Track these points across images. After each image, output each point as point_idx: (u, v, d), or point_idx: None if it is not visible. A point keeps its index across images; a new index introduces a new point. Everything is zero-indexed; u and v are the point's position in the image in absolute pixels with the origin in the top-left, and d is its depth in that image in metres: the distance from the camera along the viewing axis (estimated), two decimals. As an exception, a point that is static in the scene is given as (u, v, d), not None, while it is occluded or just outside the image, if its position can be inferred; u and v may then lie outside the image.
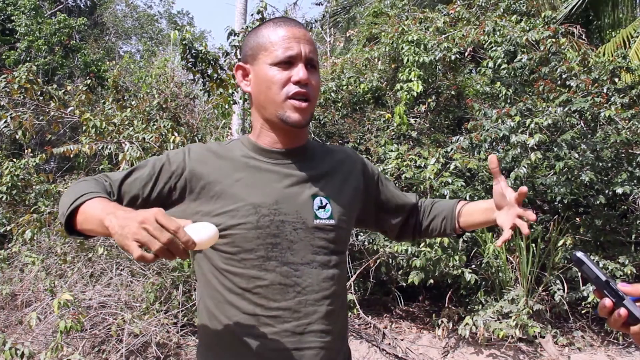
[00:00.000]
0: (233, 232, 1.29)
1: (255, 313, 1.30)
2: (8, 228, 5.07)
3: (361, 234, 4.91)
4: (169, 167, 1.33)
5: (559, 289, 4.69)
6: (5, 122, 4.80)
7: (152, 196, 1.33)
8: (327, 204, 1.36)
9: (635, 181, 4.59)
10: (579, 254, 0.97)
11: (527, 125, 4.57)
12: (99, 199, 1.17)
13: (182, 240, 1.00)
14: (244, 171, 1.34)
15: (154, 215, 1.00)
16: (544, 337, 4.67)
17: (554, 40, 5.26)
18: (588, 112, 4.65)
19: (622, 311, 0.93)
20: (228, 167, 1.34)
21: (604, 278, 0.95)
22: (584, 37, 6.20)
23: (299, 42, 1.31)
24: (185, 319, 4.47)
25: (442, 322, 4.79)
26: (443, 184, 4.62)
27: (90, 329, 4.20)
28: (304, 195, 1.35)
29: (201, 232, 1.08)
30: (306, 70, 1.30)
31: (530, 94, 5.24)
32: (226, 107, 5.96)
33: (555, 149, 4.66)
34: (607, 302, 0.94)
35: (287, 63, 1.30)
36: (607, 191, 4.76)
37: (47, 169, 9.21)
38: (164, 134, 4.97)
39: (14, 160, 5.22)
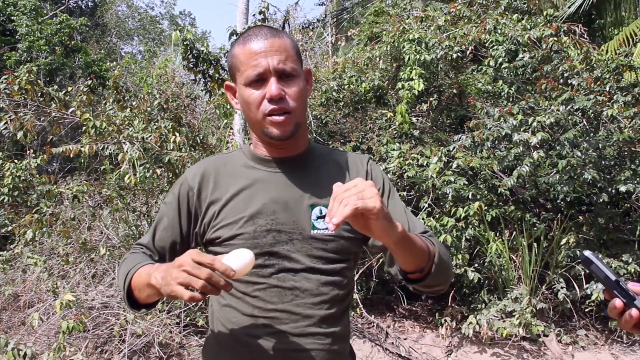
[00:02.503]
0: (232, 242, 1.31)
1: (254, 314, 1.31)
2: (9, 229, 5.07)
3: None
4: (183, 202, 1.38)
5: (562, 288, 4.68)
6: (5, 124, 4.79)
7: (183, 233, 1.39)
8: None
9: (638, 179, 4.57)
10: (587, 253, 0.94)
11: (529, 123, 4.55)
12: (142, 267, 1.24)
13: (220, 271, 1.05)
14: (243, 182, 1.35)
15: (189, 256, 1.06)
16: (547, 336, 4.65)
17: (555, 38, 5.24)
18: (590, 111, 4.63)
19: (634, 312, 0.90)
20: (227, 182, 1.36)
21: (613, 278, 0.92)
22: (585, 36, 6.17)
23: (266, 55, 1.27)
24: (188, 319, 4.47)
25: (445, 321, 4.78)
26: (445, 182, 4.60)
27: (92, 329, 4.20)
28: (303, 205, 1.34)
29: (238, 260, 1.11)
30: (280, 81, 1.28)
31: (533, 92, 5.22)
32: (228, 107, 5.95)
33: (558, 148, 4.65)
34: (618, 302, 0.92)
35: (259, 81, 1.28)
36: (610, 189, 4.74)
37: (49, 170, 9.21)
38: (164, 134, 4.96)
39: (15, 161, 5.21)
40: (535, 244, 4.75)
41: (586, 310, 4.84)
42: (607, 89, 4.81)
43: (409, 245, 1.16)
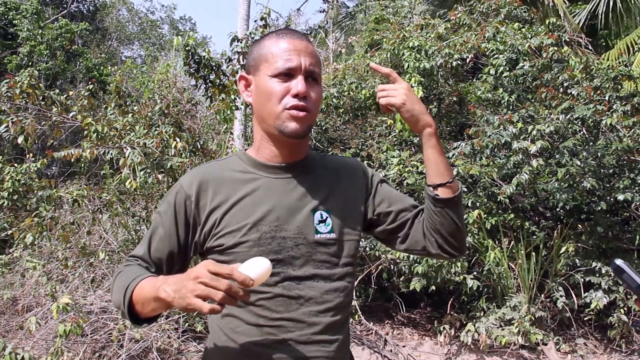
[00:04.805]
0: (235, 250, 1.30)
1: (259, 324, 1.30)
2: (9, 232, 5.06)
3: (363, 239, 4.89)
4: (180, 210, 1.35)
5: (561, 296, 4.67)
6: (6, 127, 4.79)
7: (181, 242, 1.35)
8: (327, 217, 1.35)
9: (637, 188, 4.58)
10: (619, 262, 0.91)
11: (529, 132, 4.56)
12: (144, 281, 1.20)
13: (239, 281, 1.03)
14: (243, 189, 1.34)
15: (205, 267, 1.03)
16: (546, 344, 4.65)
17: (556, 48, 5.26)
18: (590, 120, 4.65)
19: None
20: (228, 189, 1.34)
21: None
22: (589, 47, 6.19)
23: (300, 54, 1.30)
24: (187, 324, 4.46)
25: (444, 328, 4.77)
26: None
27: (91, 334, 4.19)
28: (305, 210, 1.34)
29: (255, 269, 1.09)
30: (306, 83, 1.29)
31: (533, 100, 5.24)
32: (228, 112, 5.96)
33: (557, 156, 4.66)
34: None
35: (287, 75, 1.29)
36: (609, 198, 4.75)
37: (49, 174, 9.21)
38: (165, 139, 4.97)
39: (15, 165, 5.21)
40: (534, 252, 4.75)
41: (585, 319, 4.84)
42: (607, 98, 4.83)
43: (440, 147, 1.41)
